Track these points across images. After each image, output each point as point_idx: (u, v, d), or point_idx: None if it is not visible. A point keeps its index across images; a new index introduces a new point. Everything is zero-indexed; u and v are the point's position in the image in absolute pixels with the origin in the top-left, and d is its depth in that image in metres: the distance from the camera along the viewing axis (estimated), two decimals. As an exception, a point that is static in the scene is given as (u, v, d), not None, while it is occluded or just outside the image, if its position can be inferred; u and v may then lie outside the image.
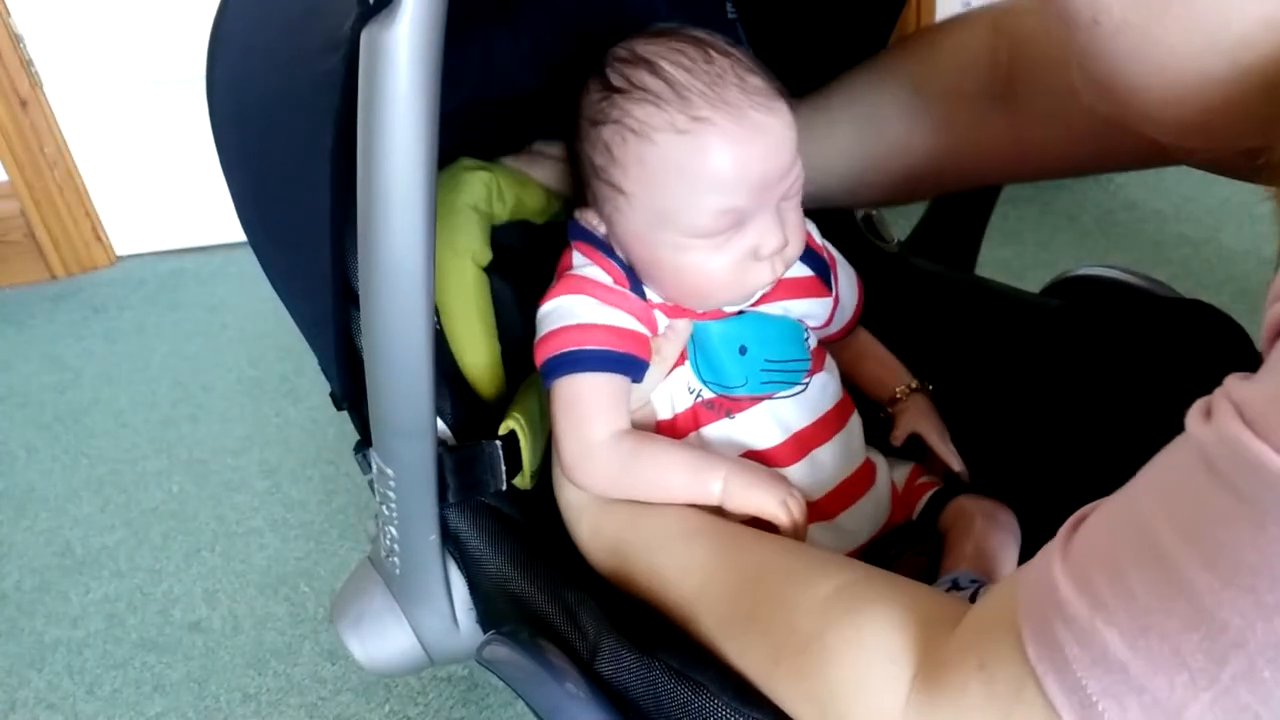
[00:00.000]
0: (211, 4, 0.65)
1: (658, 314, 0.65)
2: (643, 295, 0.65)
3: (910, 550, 0.68)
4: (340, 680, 1.05)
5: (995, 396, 0.78)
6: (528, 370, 0.69)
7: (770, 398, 0.66)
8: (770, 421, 0.66)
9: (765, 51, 0.86)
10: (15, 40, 1.59)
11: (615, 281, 0.65)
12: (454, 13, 0.83)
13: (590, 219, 0.67)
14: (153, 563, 1.21)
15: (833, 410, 0.69)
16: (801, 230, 0.65)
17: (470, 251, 0.74)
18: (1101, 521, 0.38)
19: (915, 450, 0.74)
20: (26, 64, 1.62)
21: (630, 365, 0.63)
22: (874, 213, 0.88)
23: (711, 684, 0.51)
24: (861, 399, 0.75)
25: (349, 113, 0.46)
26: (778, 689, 0.50)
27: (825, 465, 0.67)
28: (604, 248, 0.66)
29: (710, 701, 0.50)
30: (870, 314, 0.83)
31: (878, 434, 0.75)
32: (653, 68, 0.61)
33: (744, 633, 0.53)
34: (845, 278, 0.74)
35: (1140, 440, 0.63)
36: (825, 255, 0.72)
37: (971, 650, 0.42)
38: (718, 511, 0.61)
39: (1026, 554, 0.65)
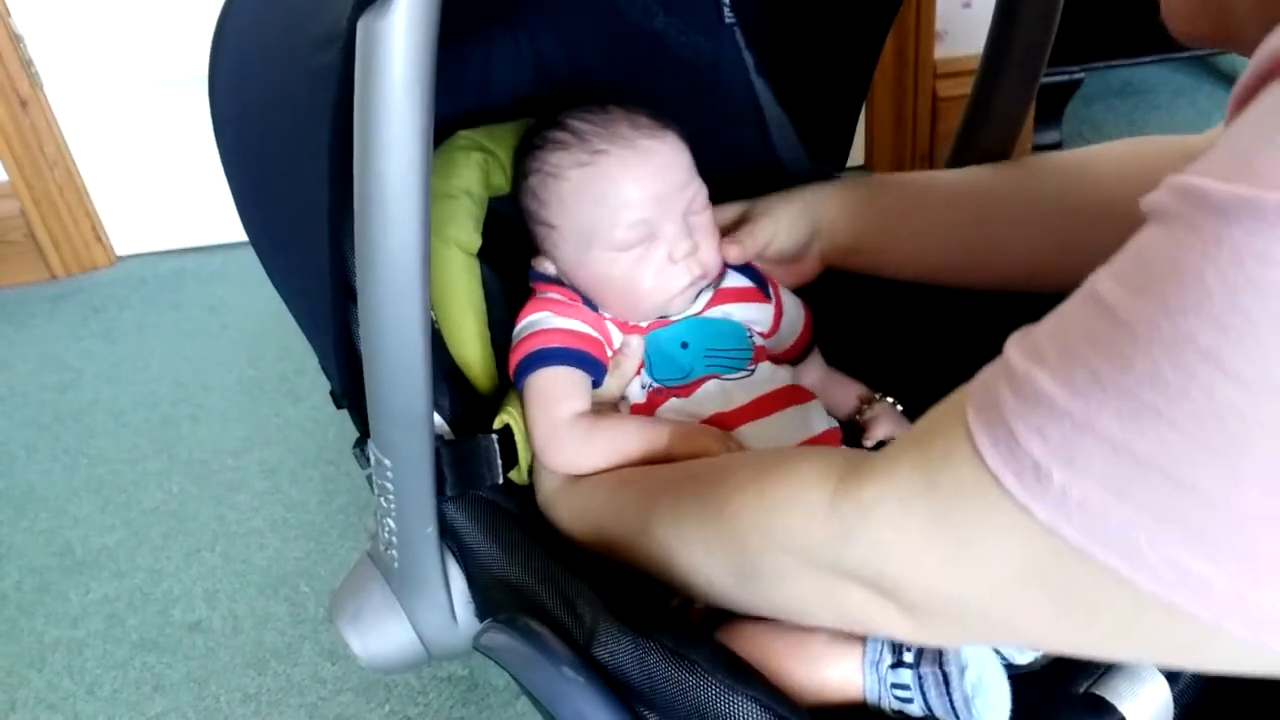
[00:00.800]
0: (212, 5, 0.65)
1: (610, 325, 0.74)
2: (595, 310, 0.75)
3: None
4: (340, 680, 1.05)
5: None
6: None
7: (717, 377, 0.73)
8: (719, 394, 0.72)
9: (765, 53, 0.87)
10: (15, 40, 1.59)
11: (569, 299, 0.75)
12: (456, 20, 0.84)
13: (541, 264, 0.77)
14: (153, 563, 1.21)
15: (785, 389, 0.75)
16: (712, 238, 0.75)
17: (458, 240, 0.79)
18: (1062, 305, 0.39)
19: None
20: (26, 64, 1.62)
21: (586, 362, 0.72)
22: None
23: (704, 662, 0.51)
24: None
25: (346, 106, 0.46)
26: (726, 534, 0.52)
27: (777, 427, 0.72)
28: (558, 282, 0.76)
29: (703, 680, 0.51)
30: (857, 313, 0.83)
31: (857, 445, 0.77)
32: (561, 124, 0.75)
33: (698, 506, 0.55)
34: (789, 297, 0.81)
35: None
36: (762, 274, 0.80)
37: (911, 440, 0.44)
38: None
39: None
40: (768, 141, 0.88)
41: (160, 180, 1.74)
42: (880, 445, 0.76)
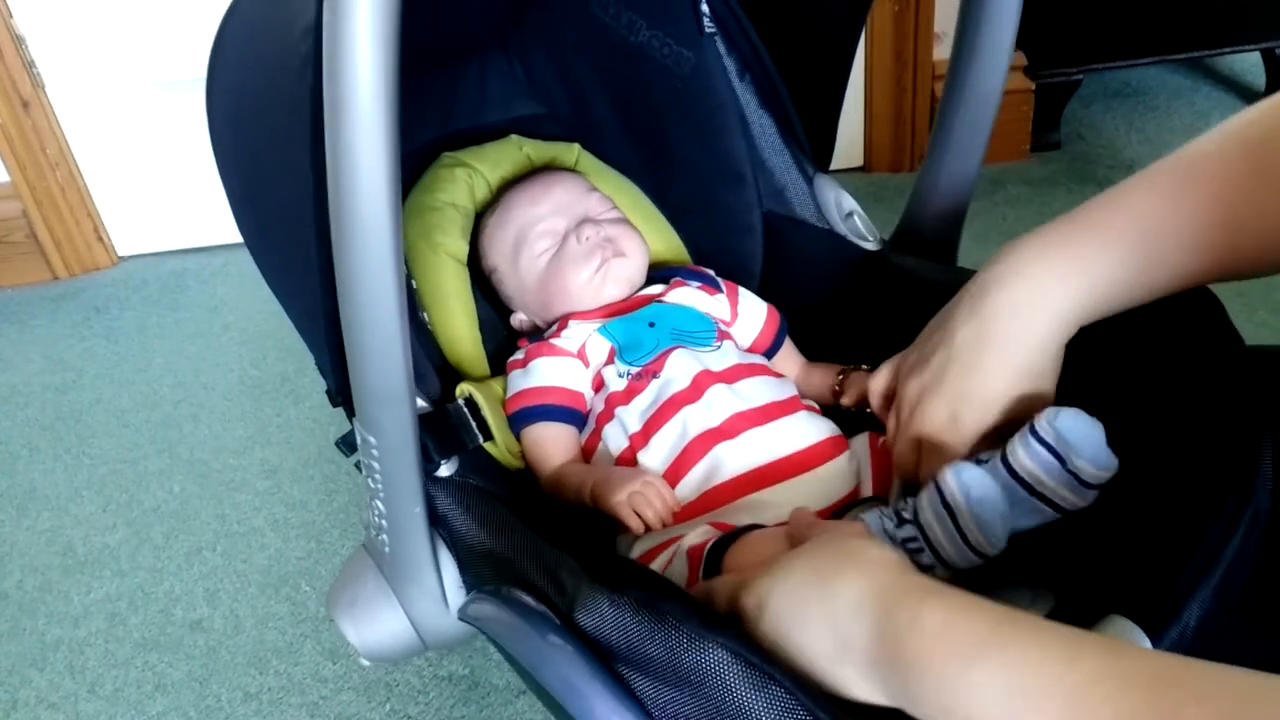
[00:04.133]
0: (213, 6, 0.66)
1: (573, 323, 0.80)
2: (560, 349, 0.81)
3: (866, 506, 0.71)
4: (341, 679, 1.05)
5: None
6: (506, 354, 0.82)
7: (685, 347, 0.78)
8: (690, 360, 0.77)
9: (745, 60, 0.88)
10: (17, 42, 1.60)
11: (535, 347, 0.82)
12: (452, 43, 0.85)
13: (514, 317, 0.88)
14: (154, 562, 1.21)
15: (757, 364, 0.79)
16: (619, 227, 0.85)
17: (446, 247, 0.85)
18: None
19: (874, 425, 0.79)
20: (28, 65, 1.62)
21: (568, 415, 0.79)
22: (855, 211, 0.90)
23: (675, 612, 0.51)
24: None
25: (321, 88, 0.46)
26: None
27: (748, 391, 0.76)
28: (531, 332, 0.85)
29: (675, 629, 0.50)
30: (852, 312, 0.84)
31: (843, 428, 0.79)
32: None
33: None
34: (748, 294, 0.87)
35: (1123, 422, 0.63)
36: (709, 274, 0.87)
37: None
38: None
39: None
40: (752, 145, 0.90)
41: (162, 181, 1.75)
42: (863, 409, 0.79)
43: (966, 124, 0.79)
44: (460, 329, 0.83)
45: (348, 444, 0.68)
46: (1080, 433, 0.57)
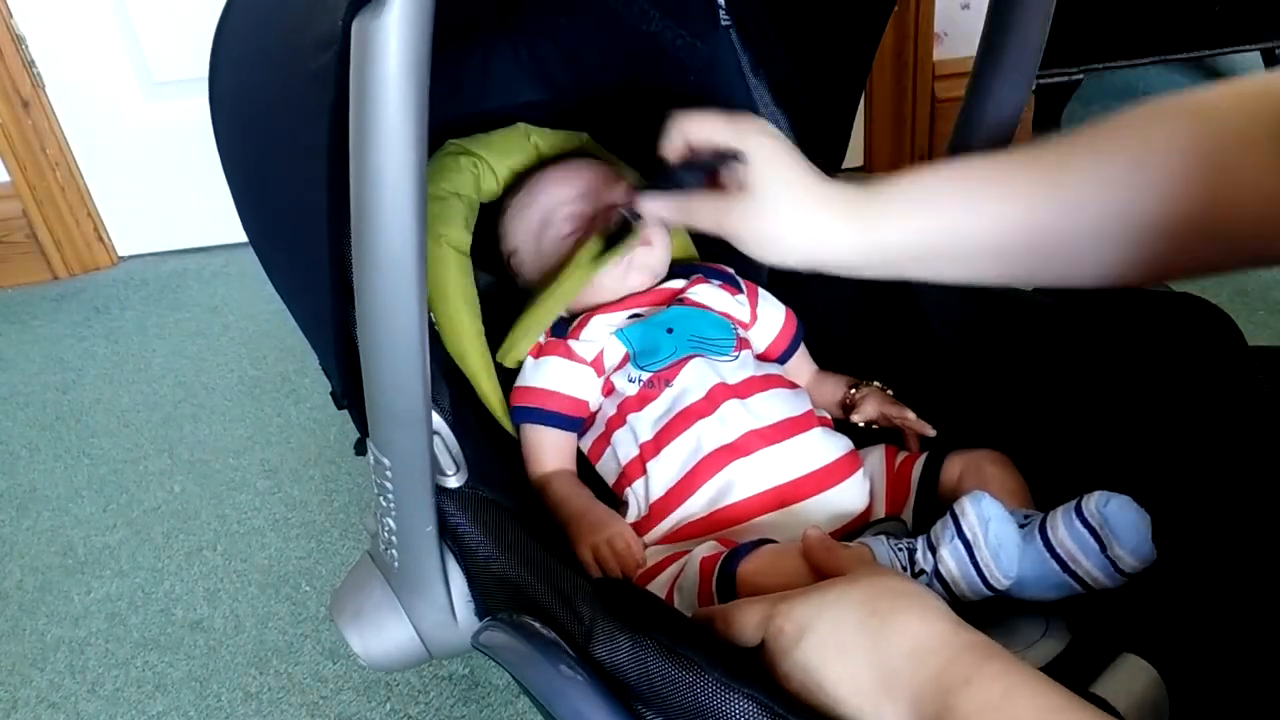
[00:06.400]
0: (213, 6, 0.66)
1: (594, 321, 0.80)
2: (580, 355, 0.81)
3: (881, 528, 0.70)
4: (341, 679, 1.05)
5: (986, 394, 0.79)
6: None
7: (702, 356, 0.77)
8: (707, 370, 0.76)
9: (760, 54, 0.88)
10: (17, 41, 1.60)
11: (553, 343, 0.81)
12: (456, 27, 0.85)
13: None
14: (154, 562, 1.21)
15: (773, 375, 0.79)
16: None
17: (449, 238, 0.83)
18: None
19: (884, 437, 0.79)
20: (28, 65, 1.62)
21: (567, 423, 0.79)
22: None
23: (701, 660, 0.51)
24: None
25: (343, 107, 0.46)
26: None
27: (762, 408, 0.75)
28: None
29: (700, 677, 0.50)
30: (860, 320, 0.84)
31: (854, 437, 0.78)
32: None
33: None
34: (767, 296, 0.87)
35: (1133, 432, 0.63)
36: (733, 274, 0.86)
37: None
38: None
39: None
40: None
41: (162, 181, 1.75)
42: (870, 425, 0.80)
43: (983, 145, 0.79)
44: (463, 322, 0.82)
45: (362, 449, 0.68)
46: (1126, 522, 0.56)
